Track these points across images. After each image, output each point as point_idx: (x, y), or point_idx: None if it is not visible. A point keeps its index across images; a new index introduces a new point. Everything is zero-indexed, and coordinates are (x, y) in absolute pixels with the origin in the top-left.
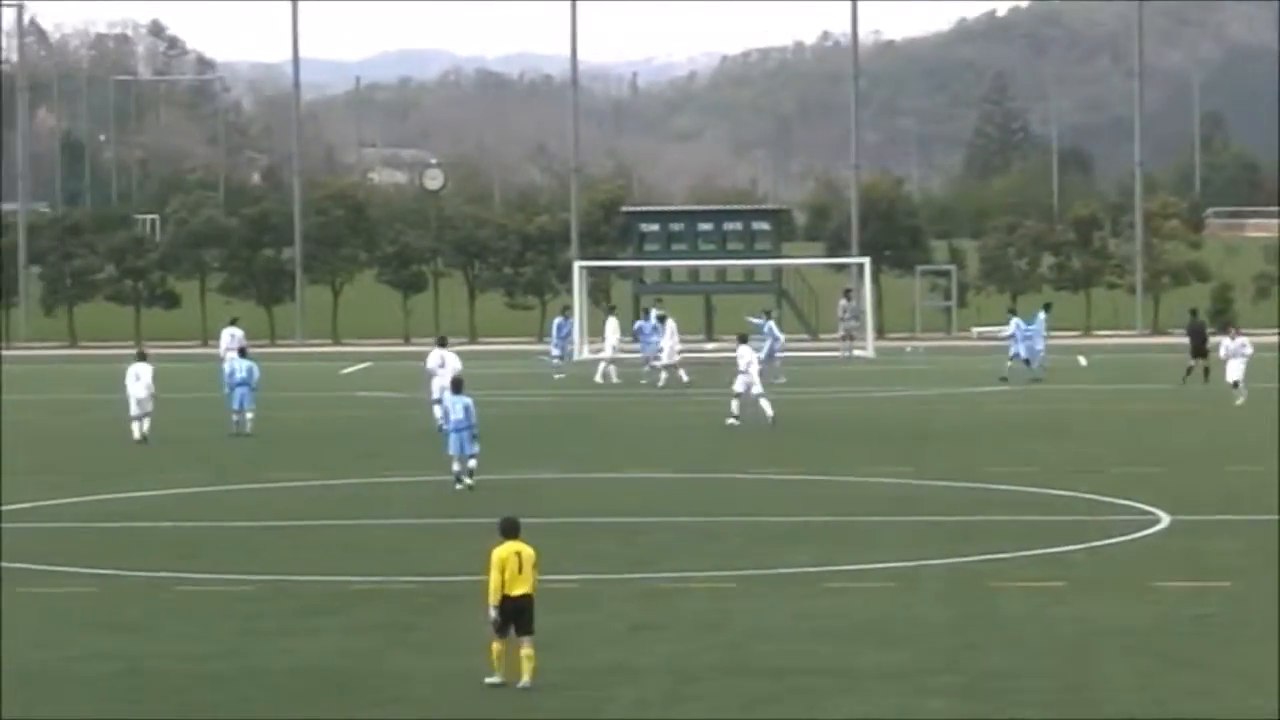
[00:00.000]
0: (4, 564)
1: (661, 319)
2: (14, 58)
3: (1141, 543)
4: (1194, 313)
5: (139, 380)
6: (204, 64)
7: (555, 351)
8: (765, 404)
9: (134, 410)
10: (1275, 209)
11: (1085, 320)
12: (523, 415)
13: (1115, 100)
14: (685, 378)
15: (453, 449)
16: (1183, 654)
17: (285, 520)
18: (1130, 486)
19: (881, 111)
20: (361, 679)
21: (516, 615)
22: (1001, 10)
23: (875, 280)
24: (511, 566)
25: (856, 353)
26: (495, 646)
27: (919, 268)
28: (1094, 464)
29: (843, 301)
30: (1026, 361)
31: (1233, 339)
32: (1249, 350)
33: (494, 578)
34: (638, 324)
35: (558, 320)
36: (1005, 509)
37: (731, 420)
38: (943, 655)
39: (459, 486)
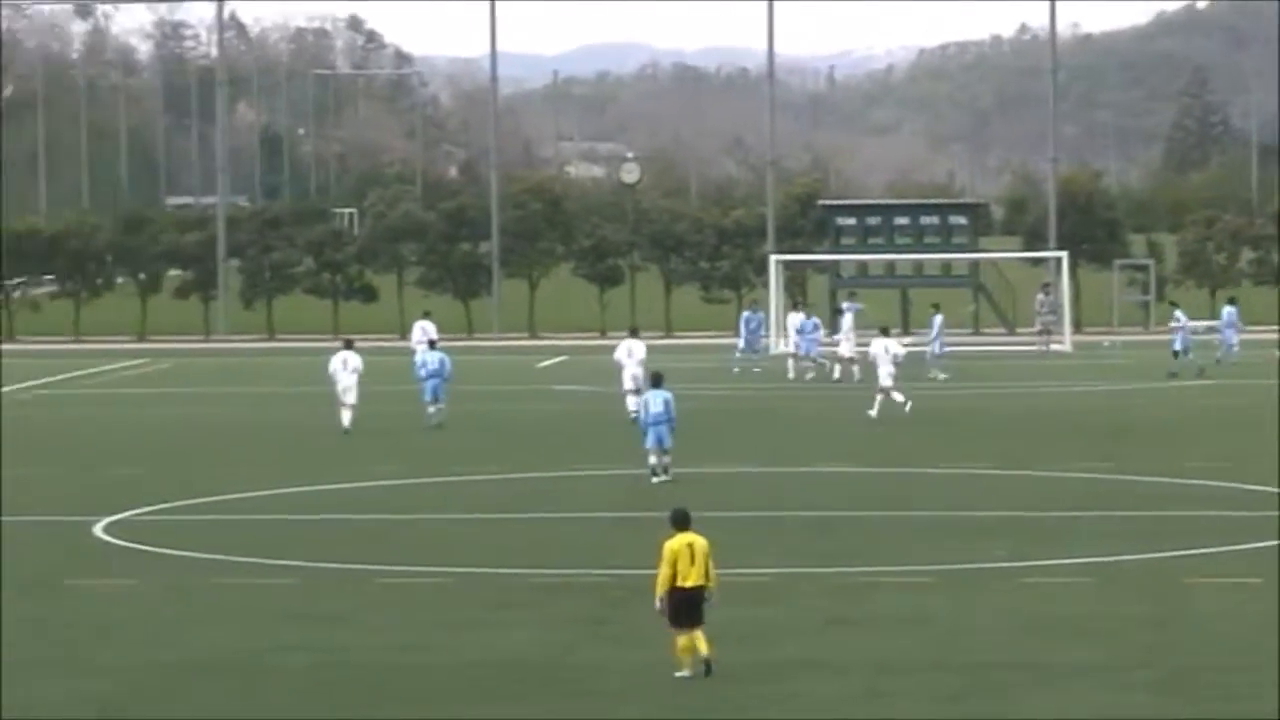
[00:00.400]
0: (209, 555)
1: (837, 312)
2: (214, 53)
3: None
4: None
5: (346, 367)
6: (402, 58)
7: (740, 345)
8: (897, 395)
9: (342, 398)
10: None
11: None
12: (716, 409)
13: None
14: (840, 376)
15: (650, 442)
16: None
17: (480, 513)
18: None
19: (1079, 105)
20: (555, 671)
21: (690, 606)
22: (1201, 3)
23: (1073, 274)
24: (684, 558)
25: (1054, 347)
26: (679, 640)
27: (1117, 262)
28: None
29: (1040, 296)
30: (1177, 354)
31: None
32: None
33: (664, 570)
34: (799, 321)
35: (745, 314)
36: (1203, 504)
37: (872, 413)
38: (1140, 651)
39: (655, 480)
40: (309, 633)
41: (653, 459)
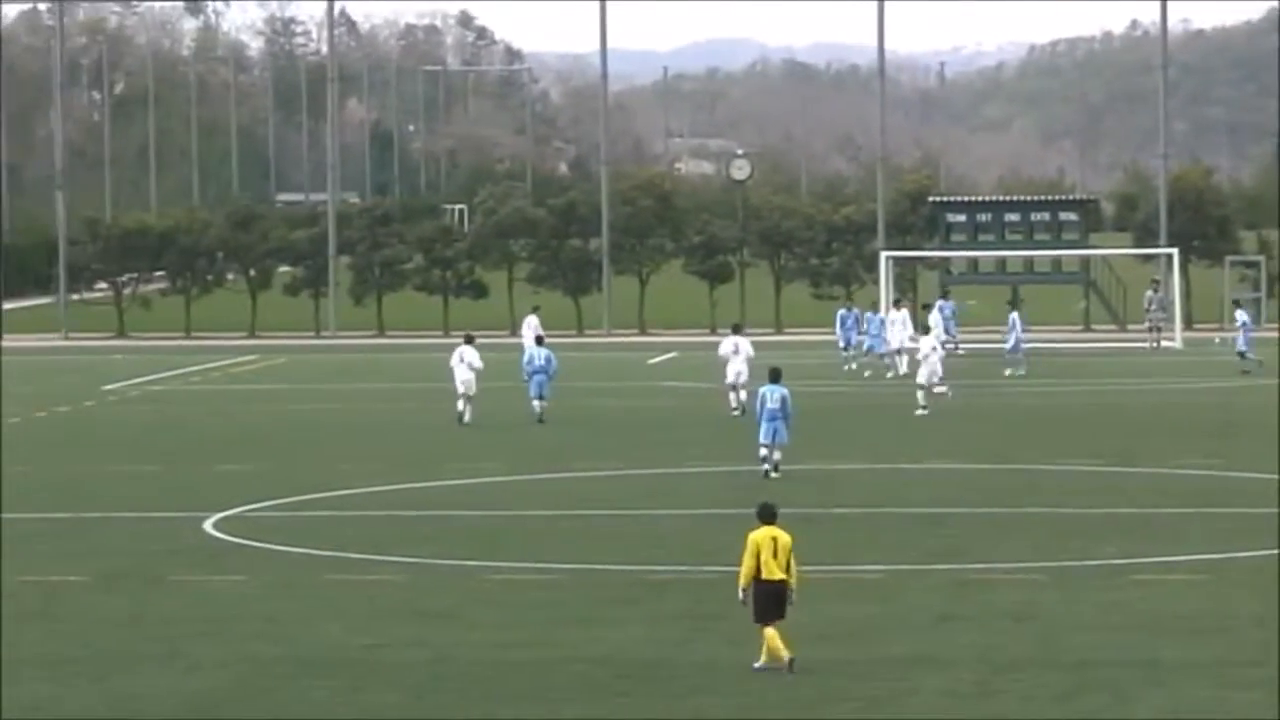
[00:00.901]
0: (319, 551)
1: (925, 308)
2: (324, 49)
3: None
4: None
5: (463, 362)
6: (512, 54)
7: (841, 343)
8: (941, 389)
9: (460, 389)
10: None
11: None
12: (824, 406)
13: None
14: (890, 372)
15: (764, 436)
16: None
17: (590, 509)
18: None
19: (1190, 101)
20: (668, 668)
21: (772, 600)
22: None
23: (1183, 271)
24: (767, 551)
25: (1164, 343)
26: (768, 632)
27: (1228, 258)
28: None
29: (1149, 293)
30: (1243, 354)
31: None
32: None
33: (748, 561)
34: (841, 314)
35: (840, 312)
36: None
37: (920, 410)
38: (1253, 649)
39: (772, 475)
40: (418, 629)
41: (764, 452)
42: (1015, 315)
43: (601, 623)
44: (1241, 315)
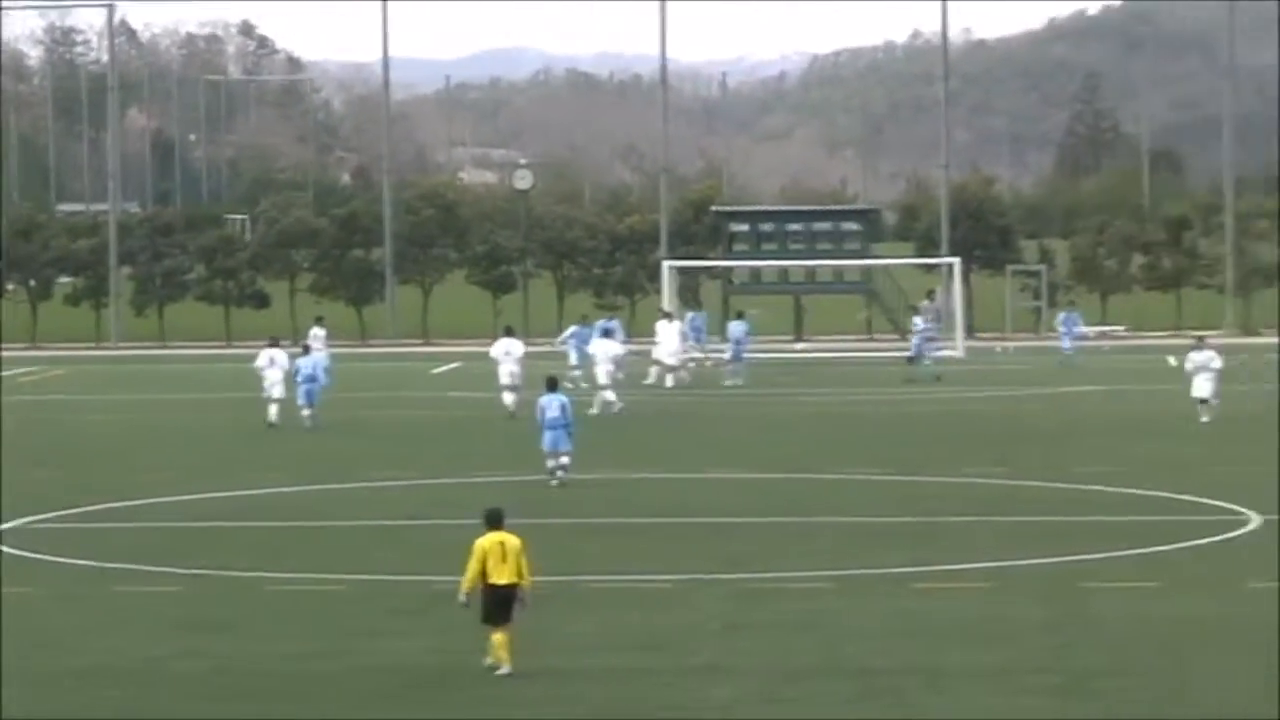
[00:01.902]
0: (104, 563)
1: (668, 316)
2: (105, 58)
3: (1233, 543)
4: None
5: (274, 365)
6: (294, 64)
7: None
8: (608, 395)
9: (269, 393)
10: None
11: (1175, 320)
12: (610, 415)
13: (1206, 99)
14: (671, 381)
15: (547, 445)
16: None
17: (377, 519)
18: (1220, 487)
19: (972, 111)
20: (458, 678)
21: (501, 604)
22: (1093, 9)
23: (965, 280)
24: (495, 555)
25: (944, 353)
26: (494, 637)
27: (1009, 267)
28: (1184, 464)
29: (924, 302)
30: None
31: (1200, 351)
32: (1217, 364)
33: (473, 566)
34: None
35: (600, 324)
36: (1097, 509)
37: (595, 411)
38: (1037, 655)
39: (553, 483)
40: (200, 640)
41: (549, 462)
42: (736, 325)
43: (389, 633)
44: (920, 321)
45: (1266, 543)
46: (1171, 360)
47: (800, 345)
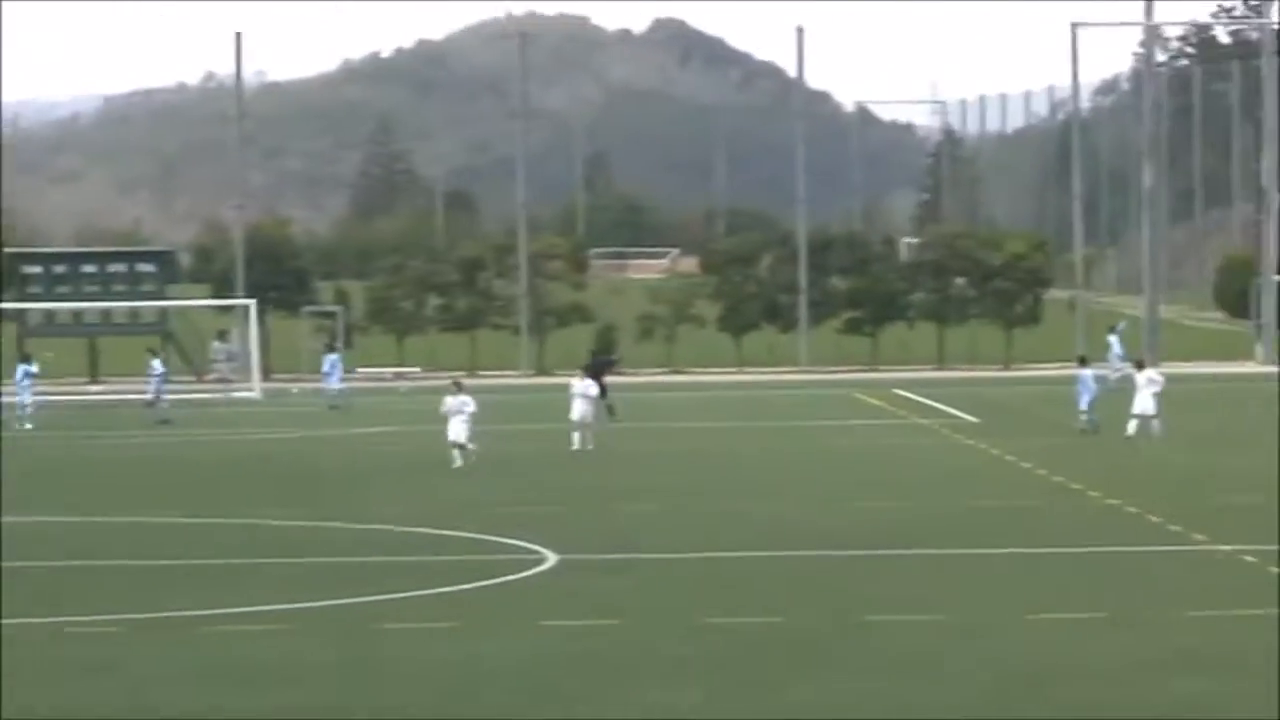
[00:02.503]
0: None
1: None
2: None
3: (529, 581)
4: (594, 351)
5: None
6: None
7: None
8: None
9: None
10: (657, 249)
11: (471, 361)
12: None
13: (500, 141)
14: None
15: None
16: (573, 691)
17: None
18: (517, 525)
19: (267, 153)
20: None
21: None
22: (385, 51)
23: (261, 321)
24: None
25: (241, 394)
26: None
27: (305, 309)
28: (481, 504)
29: (215, 343)
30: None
31: (1140, 370)
32: (1159, 381)
33: None
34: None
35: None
36: (395, 549)
37: None
38: (333, 695)
39: None
40: None
41: None
42: (22, 367)
43: None
44: (157, 364)
45: (562, 581)
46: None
47: (96, 387)
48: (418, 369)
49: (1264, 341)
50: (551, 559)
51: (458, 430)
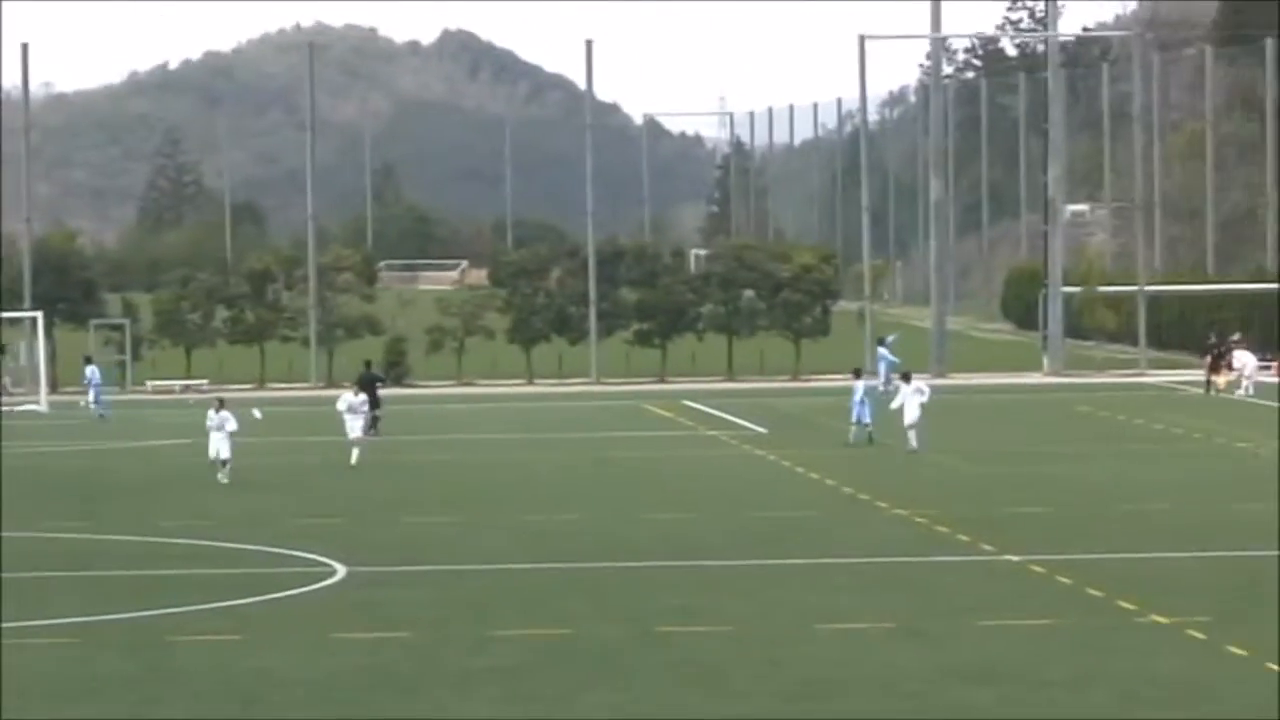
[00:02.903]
0: None
1: None
2: None
3: (318, 594)
4: (368, 364)
5: None
6: None
7: None
8: None
9: None
10: (447, 261)
11: (260, 373)
12: None
13: (289, 153)
14: None
15: None
16: (363, 704)
17: None
18: (307, 538)
19: (54, 164)
20: None
21: None
22: (174, 63)
23: (49, 334)
24: None
25: (28, 407)
26: None
27: (93, 321)
28: (271, 516)
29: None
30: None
31: (907, 382)
32: (926, 392)
33: None
34: None
35: None
36: (184, 562)
37: None
38: (126, 709)
39: None
40: None
41: None
42: None
43: None
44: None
45: (351, 594)
46: (257, 413)
47: None
48: (205, 381)
49: (1051, 352)
50: (341, 571)
51: (219, 446)
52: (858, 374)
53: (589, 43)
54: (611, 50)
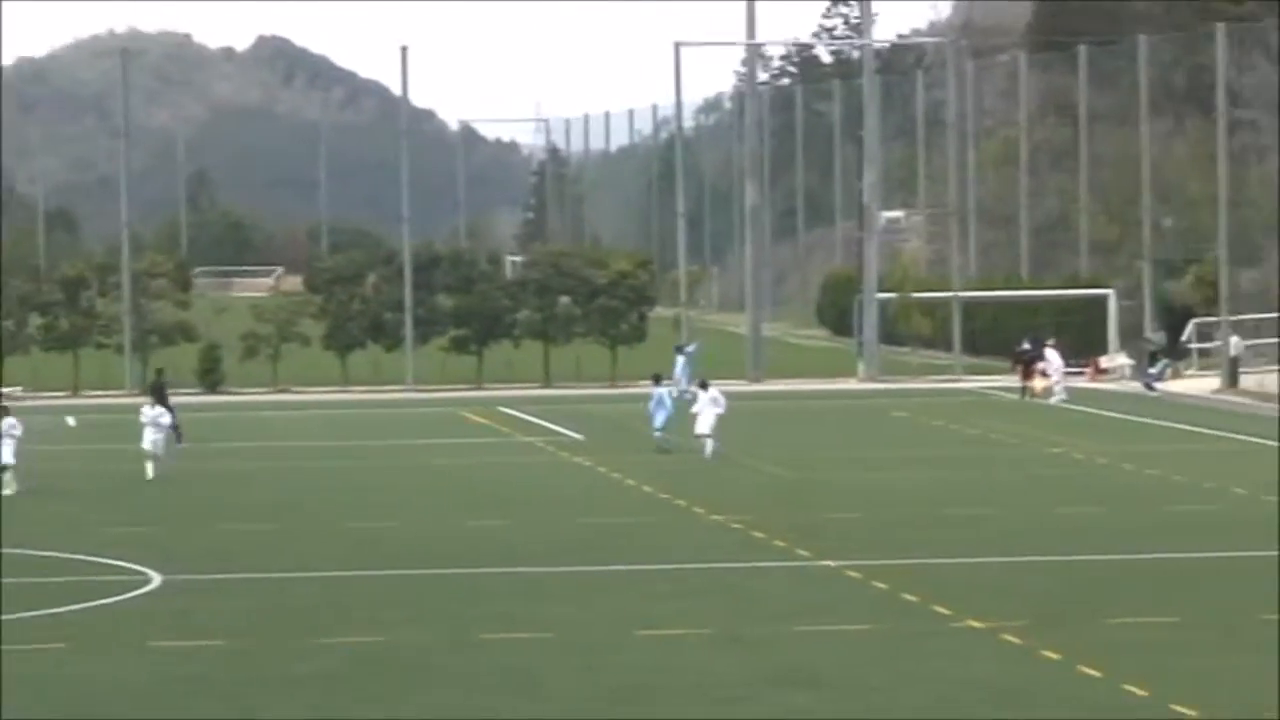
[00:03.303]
0: None
1: None
2: None
3: (134, 602)
4: (159, 372)
5: None
6: None
7: None
8: None
9: None
10: (262, 268)
11: (74, 380)
12: None
13: (103, 159)
14: None
15: None
16: (185, 710)
17: None
18: (121, 546)
19: None
20: None
21: None
22: None
23: None
24: None
25: None
26: None
27: None
28: (83, 524)
29: None
30: None
31: (704, 390)
32: (722, 402)
33: None
34: None
35: None
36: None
37: None
38: None
39: None
40: None
41: None
42: None
43: None
44: None
45: (167, 602)
46: (71, 420)
47: None
48: (19, 389)
49: (866, 358)
50: (156, 580)
51: (6, 453)
52: (657, 380)
53: (404, 49)
54: (427, 56)
